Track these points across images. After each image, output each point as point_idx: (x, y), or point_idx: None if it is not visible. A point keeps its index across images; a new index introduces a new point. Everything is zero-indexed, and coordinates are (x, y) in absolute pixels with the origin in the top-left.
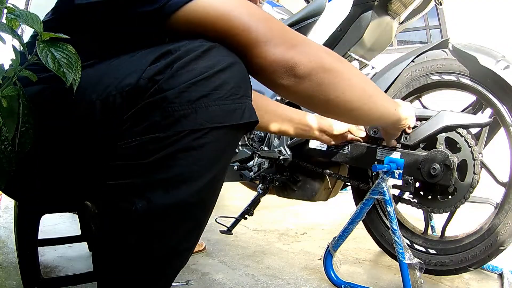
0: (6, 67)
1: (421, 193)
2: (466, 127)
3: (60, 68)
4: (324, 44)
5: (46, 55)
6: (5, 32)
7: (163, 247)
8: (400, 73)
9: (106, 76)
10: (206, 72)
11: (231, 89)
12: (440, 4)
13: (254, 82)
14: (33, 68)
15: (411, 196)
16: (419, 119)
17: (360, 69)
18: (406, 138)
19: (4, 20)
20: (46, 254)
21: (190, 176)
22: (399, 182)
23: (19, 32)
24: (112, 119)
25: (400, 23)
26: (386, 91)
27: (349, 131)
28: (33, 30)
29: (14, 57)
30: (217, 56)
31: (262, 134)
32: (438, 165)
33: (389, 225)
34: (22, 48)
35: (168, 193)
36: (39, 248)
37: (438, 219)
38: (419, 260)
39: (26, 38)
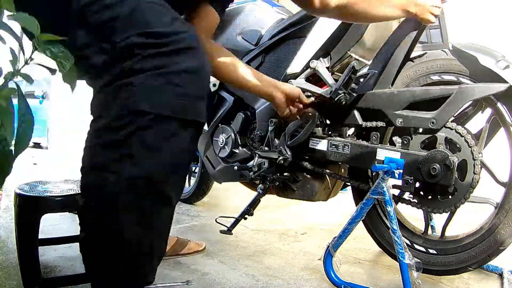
0: (4, 68)
1: (421, 193)
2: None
3: (57, 58)
4: (324, 44)
5: (45, 49)
6: (5, 31)
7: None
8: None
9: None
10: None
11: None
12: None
13: None
14: None
15: (411, 196)
16: (438, 99)
17: (359, 69)
18: (432, 123)
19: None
20: (46, 254)
21: (155, 150)
22: (399, 182)
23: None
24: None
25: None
26: None
27: (299, 96)
28: None
29: (11, 59)
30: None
31: (262, 134)
32: (438, 165)
33: (389, 225)
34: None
35: (135, 167)
36: (39, 248)
37: (438, 219)
38: (418, 260)
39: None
